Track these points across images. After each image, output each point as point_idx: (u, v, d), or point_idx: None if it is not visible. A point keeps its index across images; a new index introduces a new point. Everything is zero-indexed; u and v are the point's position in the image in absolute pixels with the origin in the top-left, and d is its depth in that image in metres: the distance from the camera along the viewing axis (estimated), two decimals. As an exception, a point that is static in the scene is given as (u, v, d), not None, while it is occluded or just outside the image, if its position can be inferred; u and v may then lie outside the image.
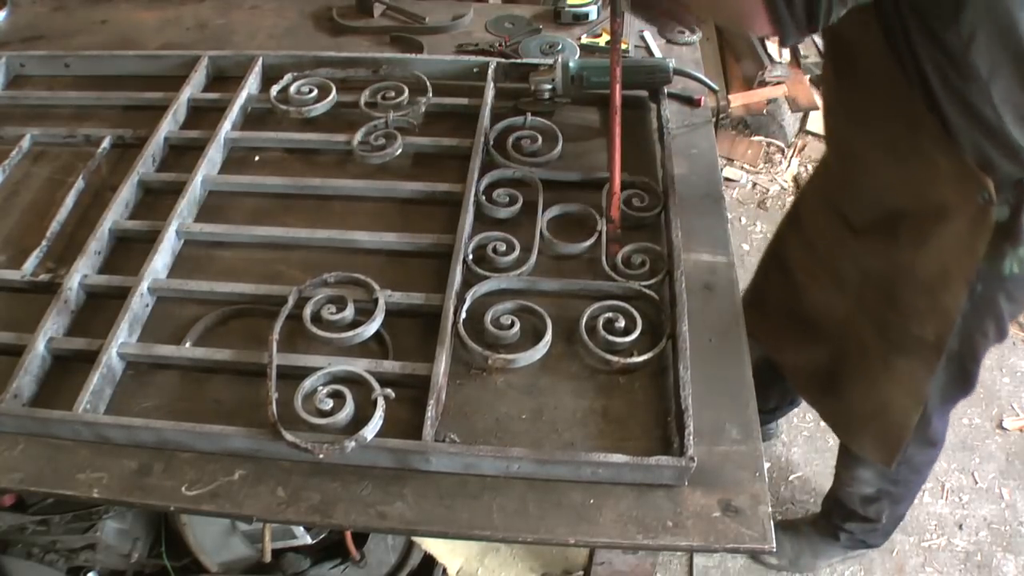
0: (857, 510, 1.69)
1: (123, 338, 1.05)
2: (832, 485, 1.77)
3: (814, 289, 1.42)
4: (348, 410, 0.96)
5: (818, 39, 2.69)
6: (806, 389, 1.59)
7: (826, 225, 1.33)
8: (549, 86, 1.39)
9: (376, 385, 0.96)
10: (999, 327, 1.25)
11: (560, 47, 1.56)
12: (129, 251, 1.19)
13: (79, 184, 1.29)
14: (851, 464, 1.62)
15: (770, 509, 0.90)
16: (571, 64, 1.39)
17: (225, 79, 1.50)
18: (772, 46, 2.87)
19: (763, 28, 0.89)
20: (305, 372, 0.99)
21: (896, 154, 1.13)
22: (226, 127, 1.34)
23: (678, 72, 1.44)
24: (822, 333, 1.42)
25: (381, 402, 0.95)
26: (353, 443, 0.91)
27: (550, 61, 1.41)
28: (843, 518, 1.75)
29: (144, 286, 1.10)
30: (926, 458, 1.57)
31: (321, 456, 0.92)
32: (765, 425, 2.10)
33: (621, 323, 1.05)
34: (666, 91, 1.42)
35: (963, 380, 1.32)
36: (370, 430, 0.92)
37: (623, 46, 1.11)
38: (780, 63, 2.82)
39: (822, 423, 2.07)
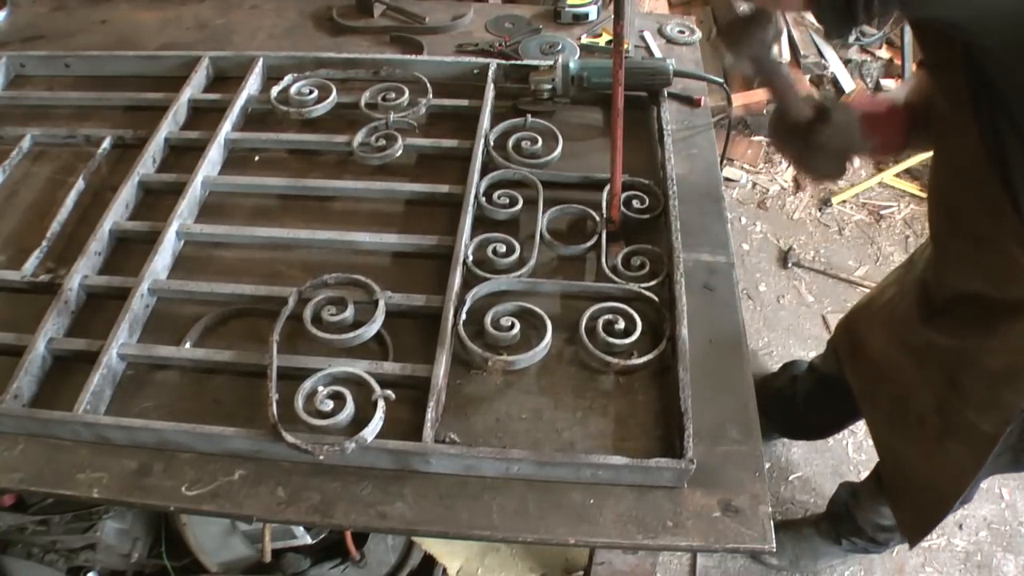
0: (867, 531, 1.69)
1: (123, 338, 1.05)
2: (843, 496, 1.75)
3: (887, 344, 1.39)
4: (348, 411, 0.96)
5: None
6: (868, 415, 1.56)
7: (913, 294, 1.31)
8: (549, 86, 1.39)
9: (376, 386, 0.96)
10: None
11: (560, 47, 1.56)
12: (129, 251, 1.19)
13: (79, 184, 1.29)
14: (879, 497, 1.60)
15: (770, 509, 0.90)
16: (571, 64, 1.39)
17: (225, 79, 1.50)
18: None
19: (794, 3, 0.86)
20: (305, 373, 0.99)
21: (977, 243, 1.09)
22: (226, 128, 1.35)
23: (682, 74, 1.44)
24: (890, 386, 1.40)
25: (381, 403, 0.95)
26: (353, 444, 0.91)
27: (550, 61, 1.42)
28: (850, 532, 1.74)
29: (144, 286, 1.10)
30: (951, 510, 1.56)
31: (321, 457, 0.92)
32: (797, 439, 2.08)
33: (621, 325, 1.05)
34: (666, 92, 1.42)
35: (1015, 464, 1.30)
36: (370, 431, 0.92)
37: (623, 46, 1.10)
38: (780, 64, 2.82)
39: (822, 423, 2.09)
